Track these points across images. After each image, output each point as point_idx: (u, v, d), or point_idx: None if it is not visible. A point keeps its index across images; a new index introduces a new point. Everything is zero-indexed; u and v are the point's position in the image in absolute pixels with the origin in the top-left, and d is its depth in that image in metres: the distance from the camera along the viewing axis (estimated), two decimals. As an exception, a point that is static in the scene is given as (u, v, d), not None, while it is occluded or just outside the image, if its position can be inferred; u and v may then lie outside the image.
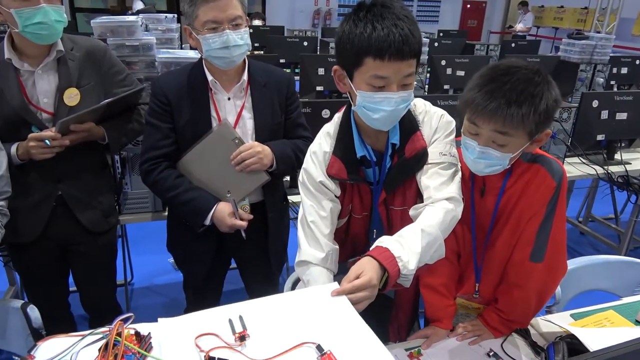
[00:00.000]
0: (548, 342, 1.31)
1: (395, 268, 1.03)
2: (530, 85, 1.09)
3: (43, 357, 0.76)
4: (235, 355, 0.78)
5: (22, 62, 1.54)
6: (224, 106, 1.61)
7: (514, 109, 1.06)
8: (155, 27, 3.05)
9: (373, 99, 1.11)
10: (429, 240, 1.10)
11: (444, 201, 1.17)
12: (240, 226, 1.60)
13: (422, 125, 1.26)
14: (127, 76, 1.76)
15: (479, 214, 1.29)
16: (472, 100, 1.11)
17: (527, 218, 1.22)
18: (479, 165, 1.17)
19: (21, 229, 1.62)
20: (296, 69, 4.37)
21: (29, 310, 1.29)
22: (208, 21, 1.46)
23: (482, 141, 1.13)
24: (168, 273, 2.98)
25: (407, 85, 1.12)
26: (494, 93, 1.08)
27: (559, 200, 1.20)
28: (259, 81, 1.63)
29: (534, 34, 10.50)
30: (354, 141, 1.24)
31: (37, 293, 1.81)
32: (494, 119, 1.08)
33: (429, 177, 1.21)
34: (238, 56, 1.53)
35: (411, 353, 1.28)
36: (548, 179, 1.19)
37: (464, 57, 4.10)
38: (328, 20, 10.61)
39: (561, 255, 1.25)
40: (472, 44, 5.89)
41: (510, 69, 1.11)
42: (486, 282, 1.35)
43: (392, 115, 1.14)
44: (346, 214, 1.32)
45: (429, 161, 1.23)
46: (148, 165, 1.59)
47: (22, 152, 1.52)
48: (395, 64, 1.06)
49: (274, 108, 1.65)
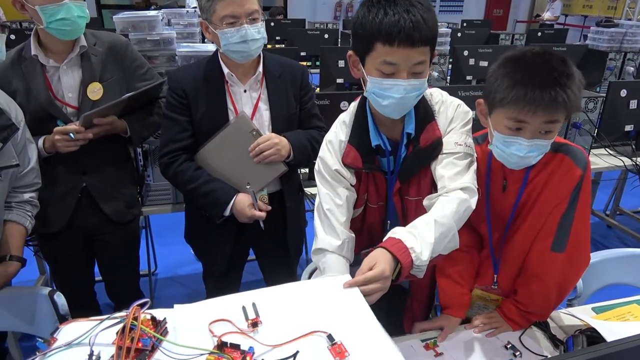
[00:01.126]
0: (567, 335, 1.29)
1: (408, 259, 1.02)
2: (566, 64, 1.07)
3: (64, 339, 0.80)
4: (247, 340, 0.80)
5: (47, 58, 1.59)
6: (240, 98, 1.63)
7: (568, 91, 1.04)
8: (177, 21, 3.10)
9: (382, 85, 1.11)
10: (443, 230, 1.09)
11: (458, 191, 1.15)
12: (259, 217, 1.62)
13: (438, 115, 1.25)
14: (148, 70, 1.80)
15: (499, 208, 1.27)
16: (522, 97, 1.05)
17: (550, 208, 1.20)
18: (527, 159, 1.12)
19: (49, 219, 1.69)
20: (317, 62, 4.37)
21: (55, 297, 1.34)
22: (226, 16, 1.48)
23: (528, 135, 1.09)
24: (191, 264, 3.04)
25: (419, 74, 1.11)
26: (545, 83, 1.04)
27: (583, 189, 1.18)
28: (274, 73, 1.65)
29: (562, 22, 10.20)
30: (369, 130, 1.24)
31: (65, 281, 1.87)
32: (551, 109, 1.04)
33: (444, 166, 1.20)
34: (255, 50, 1.55)
35: (427, 344, 1.28)
36: (573, 167, 1.17)
37: (488, 47, 4.02)
38: (350, 13, 10.53)
39: (584, 245, 1.23)
40: (497, 33, 5.75)
41: (539, 55, 1.09)
42: (505, 274, 1.33)
43: (401, 103, 1.13)
44: (362, 203, 1.32)
45: (444, 151, 1.22)
46: (167, 158, 1.62)
47: (49, 145, 1.58)
48: (404, 50, 1.06)
49: (289, 99, 1.67)
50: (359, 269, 1.01)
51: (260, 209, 1.63)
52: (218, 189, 1.62)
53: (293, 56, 3.56)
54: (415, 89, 1.11)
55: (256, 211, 1.61)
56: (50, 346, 0.79)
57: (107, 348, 0.77)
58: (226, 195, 1.61)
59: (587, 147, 2.55)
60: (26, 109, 1.55)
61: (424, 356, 1.25)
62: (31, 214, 1.48)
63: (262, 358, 0.76)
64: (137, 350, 0.76)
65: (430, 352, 1.26)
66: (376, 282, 0.98)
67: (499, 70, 1.12)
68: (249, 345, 0.77)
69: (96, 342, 0.77)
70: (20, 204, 1.46)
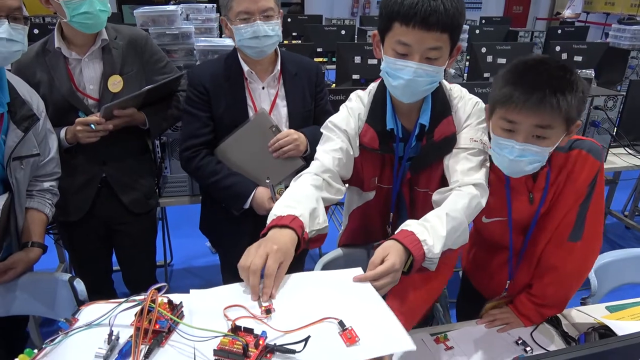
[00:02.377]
0: (580, 333, 1.29)
1: (420, 252, 1.03)
2: (564, 71, 1.06)
3: (85, 320, 0.83)
4: (261, 325, 0.82)
5: (70, 51, 1.63)
6: (258, 95, 1.67)
7: (559, 96, 1.03)
8: (195, 16, 3.13)
9: (394, 65, 1.13)
10: (454, 225, 1.09)
11: (471, 186, 1.16)
12: None
13: (456, 110, 1.26)
14: (167, 64, 1.83)
15: (525, 217, 1.27)
16: (510, 96, 1.06)
17: (572, 202, 1.20)
18: (519, 164, 1.11)
19: (69, 208, 1.73)
20: (333, 58, 4.38)
21: (75, 283, 1.37)
22: (240, 12, 1.52)
23: (521, 138, 1.08)
24: (205, 256, 3.08)
25: (433, 60, 1.11)
26: (534, 84, 1.04)
27: (598, 179, 1.19)
28: (291, 71, 1.69)
29: (583, 20, 10.02)
30: (387, 113, 1.26)
31: (83, 269, 1.92)
32: (539, 111, 1.04)
33: (457, 161, 1.20)
34: (268, 47, 1.58)
35: (437, 338, 1.29)
36: (590, 160, 1.17)
37: (506, 44, 3.98)
38: (367, 9, 10.50)
39: (598, 233, 1.24)
40: (516, 30, 5.68)
41: (539, 61, 1.09)
42: (521, 276, 1.34)
43: (409, 86, 1.13)
44: (372, 187, 1.35)
45: (459, 146, 1.22)
46: (189, 153, 1.66)
47: (70, 136, 1.62)
48: (419, 32, 1.07)
49: (305, 96, 1.71)
50: (371, 260, 1.02)
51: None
52: (238, 183, 1.66)
53: (309, 52, 3.58)
54: (427, 74, 1.12)
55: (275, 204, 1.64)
56: (72, 326, 0.82)
57: (125, 329, 0.79)
58: (246, 189, 1.65)
59: (605, 146, 2.52)
60: (49, 100, 1.59)
61: (435, 350, 1.26)
62: (51, 202, 1.53)
63: (274, 342, 0.77)
64: (155, 332, 0.78)
65: (440, 345, 1.27)
66: (386, 276, 0.99)
67: (500, 74, 1.13)
68: (262, 330, 0.79)
69: (115, 323, 0.79)
70: (41, 192, 1.50)
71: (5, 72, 1.34)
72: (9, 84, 1.34)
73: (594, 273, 1.47)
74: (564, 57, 3.89)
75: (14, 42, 1.26)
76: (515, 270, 1.34)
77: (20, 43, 1.29)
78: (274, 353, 0.76)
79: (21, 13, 1.27)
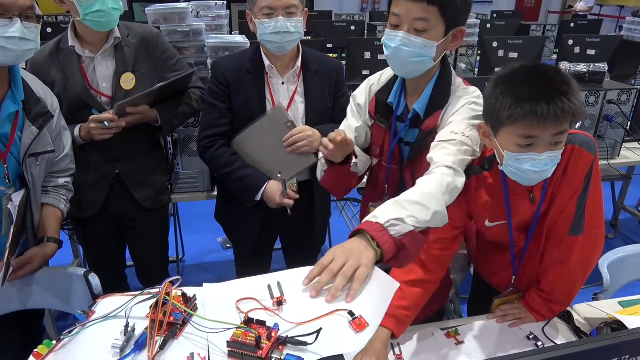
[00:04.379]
0: (592, 328, 1.28)
1: (373, 227, 0.96)
2: (561, 75, 1.06)
3: (101, 312, 0.85)
4: (273, 318, 0.83)
5: (83, 49, 1.65)
6: (277, 90, 1.69)
7: (573, 100, 1.02)
8: (205, 14, 3.15)
9: (388, 35, 1.21)
10: (420, 198, 1.05)
11: (442, 167, 1.13)
12: (288, 204, 1.68)
13: (450, 104, 1.27)
14: (178, 61, 1.85)
15: (526, 217, 1.26)
16: (529, 112, 1.02)
17: (569, 197, 1.19)
18: (544, 173, 1.10)
19: (83, 204, 1.76)
20: (343, 54, 4.37)
21: (90, 278, 1.40)
22: (264, 7, 1.55)
23: (541, 149, 1.06)
24: (217, 252, 3.11)
25: (420, 32, 1.15)
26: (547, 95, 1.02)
27: (594, 171, 1.18)
28: (311, 68, 1.70)
29: (596, 13, 9.87)
30: (394, 88, 1.32)
31: (97, 264, 1.95)
32: (558, 121, 1.02)
33: (436, 151, 1.19)
34: (288, 43, 1.59)
35: (448, 332, 1.30)
36: (584, 154, 1.16)
37: (517, 39, 3.93)
38: (377, 4, 10.45)
39: (599, 225, 1.23)
40: (528, 24, 5.62)
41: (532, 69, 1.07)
42: (525, 273, 1.34)
43: (397, 55, 1.19)
44: (375, 156, 1.43)
45: (439, 138, 1.21)
46: (206, 142, 1.70)
47: (84, 133, 1.64)
48: (407, 3, 1.13)
49: (324, 94, 1.72)
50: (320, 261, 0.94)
51: (289, 196, 1.68)
52: (251, 175, 1.69)
53: (319, 48, 3.58)
54: (413, 45, 1.16)
55: (285, 199, 1.67)
56: (89, 318, 0.84)
57: (141, 321, 0.81)
58: (258, 181, 1.68)
59: (619, 140, 2.49)
60: (63, 98, 1.62)
61: (445, 344, 1.27)
62: (66, 198, 1.55)
63: (286, 334, 0.79)
64: (169, 324, 0.80)
65: (451, 340, 1.28)
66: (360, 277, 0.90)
67: (496, 90, 1.09)
68: (274, 322, 0.81)
69: (131, 315, 0.81)
70: (56, 188, 1.53)
71: (20, 70, 1.37)
72: (24, 82, 1.36)
73: (606, 268, 1.46)
74: (577, 50, 3.84)
75: (26, 40, 1.27)
76: (519, 267, 1.34)
77: (33, 42, 1.30)
78: (286, 345, 0.78)
79: (34, 12, 1.29)
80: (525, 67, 1.09)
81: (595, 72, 2.42)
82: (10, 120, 1.32)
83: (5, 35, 1.22)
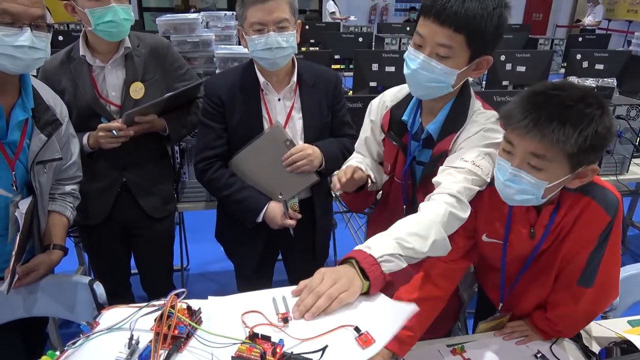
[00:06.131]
0: (601, 347, 1.26)
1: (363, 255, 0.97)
2: (581, 103, 0.96)
3: (106, 324, 0.84)
4: (278, 333, 0.82)
5: (94, 59, 1.66)
6: (274, 107, 1.65)
7: (556, 124, 0.94)
8: (215, 24, 3.18)
9: (410, 54, 1.18)
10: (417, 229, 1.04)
11: (445, 195, 1.11)
12: (290, 225, 1.65)
13: (464, 129, 1.24)
14: (187, 71, 1.86)
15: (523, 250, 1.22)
16: (510, 113, 1.00)
17: (578, 248, 1.15)
18: (509, 190, 1.04)
19: (90, 212, 1.77)
20: (350, 65, 4.39)
21: (95, 286, 1.40)
22: (254, 23, 1.50)
23: (516, 162, 1.01)
24: (222, 261, 3.09)
25: (442, 57, 1.12)
26: (537, 105, 0.97)
27: (614, 230, 1.11)
28: (308, 82, 1.66)
29: (604, 27, 9.87)
30: (409, 105, 1.30)
31: (102, 272, 1.95)
32: (530, 135, 0.96)
33: (443, 175, 1.17)
34: (281, 58, 1.54)
35: (454, 349, 1.28)
36: (600, 213, 1.09)
37: (525, 52, 3.94)
38: (384, 16, 10.52)
39: (613, 281, 1.19)
40: (536, 38, 5.63)
41: (563, 86, 1.00)
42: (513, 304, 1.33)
43: (414, 76, 1.17)
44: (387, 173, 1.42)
45: (448, 163, 1.19)
46: (203, 165, 1.66)
47: (92, 142, 1.65)
48: (433, 25, 1.10)
49: (322, 108, 1.68)
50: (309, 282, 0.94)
51: (290, 217, 1.65)
52: (251, 197, 1.65)
53: (327, 59, 3.60)
54: (432, 70, 1.13)
55: (287, 220, 1.64)
56: (93, 329, 0.84)
57: (145, 333, 0.81)
58: (258, 204, 1.64)
59: (627, 156, 2.47)
60: (73, 106, 1.63)
61: (451, 361, 1.25)
62: (72, 205, 1.55)
63: (291, 351, 0.78)
64: (174, 337, 0.79)
65: (457, 357, 1.26)
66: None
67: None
68: (279, 338, 0.80)
69: (135, 327, 0.81)
70: (63, 195, 1.53)
71: (30, 78, 1.37)
72: (34, 90, 1.37)
73: (615, 286, 1.44)
74: (585, 65, 3.84)
75: (36, 49, 1.27)
76: (506, 296, 1.32)
77: (43, 50, 1.30)
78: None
79: (44, 21, 1.28)
80: (557, 83, 1.03)
81: (603, 87, 2.41)
82: (19, 128, 1.33)
83: (14, 44, 1.22)
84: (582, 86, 1.02)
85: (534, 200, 1.04)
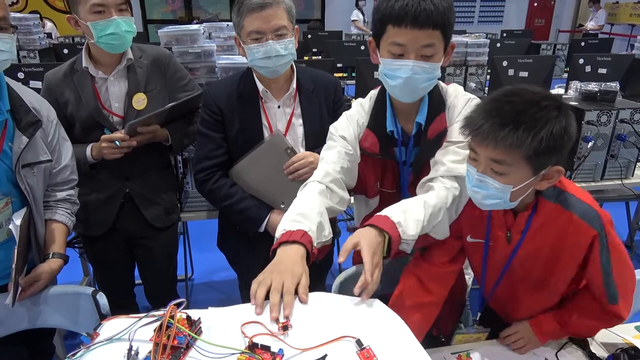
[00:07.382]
0: (608, 354, 1.25)
1: (396, 232, 1.06)
2: (534, 107, 0.98)
3: (106, 334, 0.84)
4: (278, 343, 0.82)
5: (97, 70, 1.68)
6: (274, 114, 1.64)
7: (508, 130, 0.96)
8: (217, 35, 3.20)
9: (391, 65, 1.18)
10: (432, 212, 1.14)
11: (452, 178, 1.18)
12: None
13: (449, 107, 1.28)
14: (189, 81, 1.87)
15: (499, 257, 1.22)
16: (469, 122, 1.03)
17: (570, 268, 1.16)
18: (477, 195, 1.07)
19: (93, 223, 1.77)
20: (352, 73, 4.40)
21: (98, 297, 1.39)
22: (252, 31, 1.48)
23: (480, 168, 1.04)
24: (225, 270, 3.06)
25: (428, 57, 1.16)
26: (491, 112, 0.99)
27: (610, 245, 1.10)
28: (307, 88, 1.65)
29: (607, 31, 9.86)
30: (387, 116, 1.29)
31: (106, 282, 1.95)
32: (486, 142, 0.99)
33: (444, 153, 1.22)
34: (281, 66, 1.54)
35: (460, 356, 1.26)
36: (584, 227, 1.08)
37: (528, 57, 3.93)
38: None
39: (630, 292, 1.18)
40: (538, 43, 5.63)
41: (517, 91, 1.02)
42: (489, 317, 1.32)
43: (408, 84, 1.17)
44: (375, 193, 1.39)
45: (449, 139, 1.24)
46: (203, 175, 1.65)
47: (95, 153, 1.66)
48: (412, 31, 1.12)
49: (322, 113, 1.67)
50: (343, 247, 1.05)
51: None
52: (252, 207, 1.63)
53: (329, 67, 3.61)
54: (424, 71, 1.16)
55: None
56: (93, 340, 0.84)
57: (145, 344, 0.80)
58: (260, 214, 1.63)
59: (632, 160, 2.45)
60: (76, 117, 1.64)
61: (456, 369, 1.24)
62: (71, 212, 1.52)
63: (291, 360, 0.77)
64: (173, 348, 0.79)
65: (462, 364, 1.25)
66: (375, 269, 1.01)
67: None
68: (279, 348, 0.79)
69: (135, 338, 0.80)
70: (59, 202, 1.50)
71: (4, 79, 1.34)
72: (13, 93, 1.34)
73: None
74: (588, 69, 3.82)
75: (0, 51, 1.25)
76: (482, 306, 1.31)
77: (8, 52, 1.27)
78: (291, 371, 0.76)
79: (7, 22, 1.26)
80: (512, 89, 1.04)
81: (607, 91, 2.40)
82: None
83: None
84: (538, 90, 1.03)
85: (503, 204, 1.06)
